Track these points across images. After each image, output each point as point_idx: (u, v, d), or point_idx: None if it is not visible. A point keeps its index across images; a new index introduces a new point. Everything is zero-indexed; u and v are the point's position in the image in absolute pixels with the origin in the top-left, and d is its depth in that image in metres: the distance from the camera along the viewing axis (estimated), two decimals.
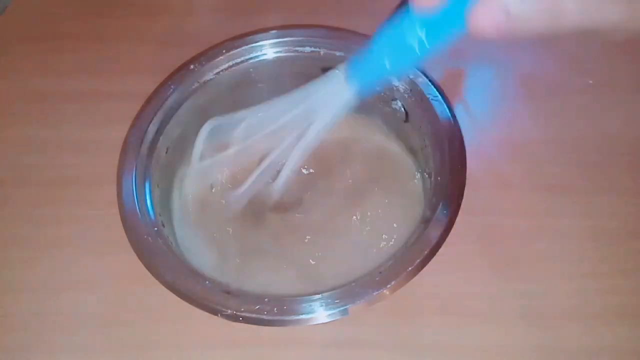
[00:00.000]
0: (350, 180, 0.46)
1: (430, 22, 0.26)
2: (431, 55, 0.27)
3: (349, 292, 0.34)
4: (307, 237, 0.43)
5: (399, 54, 0.28)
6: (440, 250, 0.35)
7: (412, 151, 0.46)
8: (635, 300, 0.36)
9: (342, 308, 0.33)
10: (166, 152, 0.43)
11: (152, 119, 0.41)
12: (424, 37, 0.26)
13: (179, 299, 0.34)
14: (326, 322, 0.33)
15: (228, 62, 0.45)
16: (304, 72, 0.46)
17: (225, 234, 0.43)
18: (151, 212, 0.38)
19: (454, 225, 0.36)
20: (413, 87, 0.42)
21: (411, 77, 0.42)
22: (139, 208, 0.37)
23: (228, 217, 0.43)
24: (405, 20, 0.26)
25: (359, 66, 0.31)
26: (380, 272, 0.34)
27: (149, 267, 0.35)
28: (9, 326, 0.36)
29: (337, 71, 0.32)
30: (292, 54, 0.45)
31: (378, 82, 0.35)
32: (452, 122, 0.40)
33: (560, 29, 0.22)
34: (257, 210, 0.43)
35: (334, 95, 0.33)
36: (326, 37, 0.45)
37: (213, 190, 0.45)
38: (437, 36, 0.26)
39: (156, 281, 0.35)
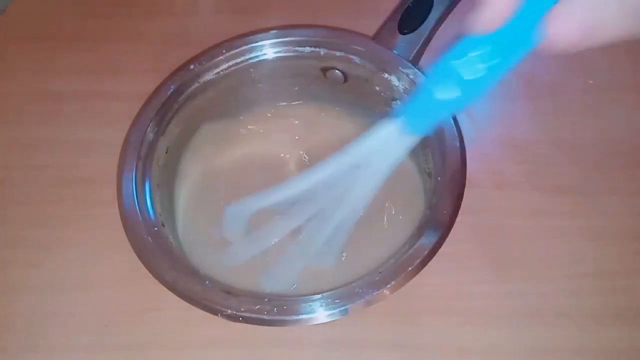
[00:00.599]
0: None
1: (494, 45, 0.22)
2: (493, 86, 0.23)
3: (349, 292, 0.33)
4: (308, 237, 0.43)
5: (457, 91, 0.24)
6: (440, 250, 0.35)
7: (412, 151, 0.46)
8: (635, 301, 0.36)
9: (342, 308, 0.33)
10: (166, 152, 0.43)
11: (152, 119, 0.41)
12: (484, 67, 0.22)
13: (179, 299, 0.34)
14: (326, 322, 0.33)
15: (228, 62, 0.45)
16: (304, 72, 0.47)
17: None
18: (151, 212, 0.38)
19: (454, 225, 0.36)
20: (413, 87, 0.42)
21: (411, 77, 0.42)
22: (139, 208, 0.37)
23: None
24: (462, 48, 0.23)
25: (413, 112, 0.27)
26: (380, 272, 0.34)
27: (149, 267, 0.35)
28: (9, 326, 0.36)
29: (387, 124, 0.28)
30: (292, 54, 0.45)
31: (437, 122, 0.31)
32: (452, 122, 0.40)
33: None
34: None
35: (385, 152, 0.29)
36: (326, 37, 0.45)
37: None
38: (501, 62, 0.22)
39: (156, 281, 0.35)
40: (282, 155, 0.47)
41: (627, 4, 0.19)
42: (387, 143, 0.29)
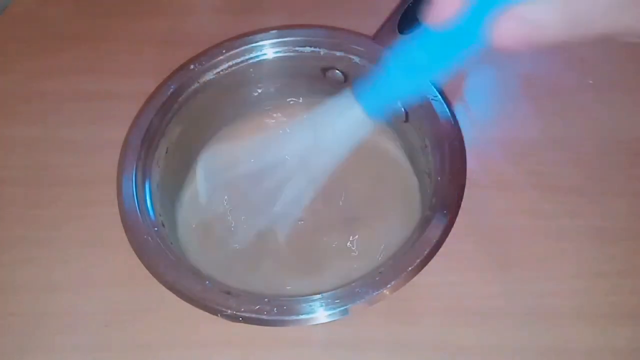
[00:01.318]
0: (350, 181, 0.46)
1: (445, 36, 0.24)
2: (446, 72, 0.26)
3: (349, 292, 0.33)
4: (308, 237, 0.43)
5: (412, 73, 0.27)
6: (440, 250, 0.35)
7: (412, 151, 0.46)
8: (635, 300, 0.36)
9: (342, 308, 0.33)
10: (166, 152, 0.43)
11: (152, 119, 0.41)
12: (437, 54, 0.25)
13: (179, 299, 0.34)
14: (326, 322, 0.33)
15: (228, 62, 0.45)
16: (304, 72, 0.47)
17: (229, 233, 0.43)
18: (151, 212, 0.38)
19: (454, 225, 0.36)
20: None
21: None
22: (139, 208, 0.37)
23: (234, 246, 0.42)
24: (418, 37, 0.25)
25: (368, 88, 0.30)
26: (380, 272, 0.34)
27: (149, 267, 0.35)
28: (9, 326, 0.36)
29: (345, 93, 0.31)
30: (292, 54, 0.45)
31: (391, 103, 0.33)
32: (452, 122, 0.40)
33: (581, 36, 0.21)
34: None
35: (343, 118, 0.31)
36: (326, 37, 0.45)
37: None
38: (453, 52, 0.25)
39: (156, 281, 0.35)
40: (281, 154, 0.46)
41: (568, 9, 0.21)
42: (347, 126, 0.32)
